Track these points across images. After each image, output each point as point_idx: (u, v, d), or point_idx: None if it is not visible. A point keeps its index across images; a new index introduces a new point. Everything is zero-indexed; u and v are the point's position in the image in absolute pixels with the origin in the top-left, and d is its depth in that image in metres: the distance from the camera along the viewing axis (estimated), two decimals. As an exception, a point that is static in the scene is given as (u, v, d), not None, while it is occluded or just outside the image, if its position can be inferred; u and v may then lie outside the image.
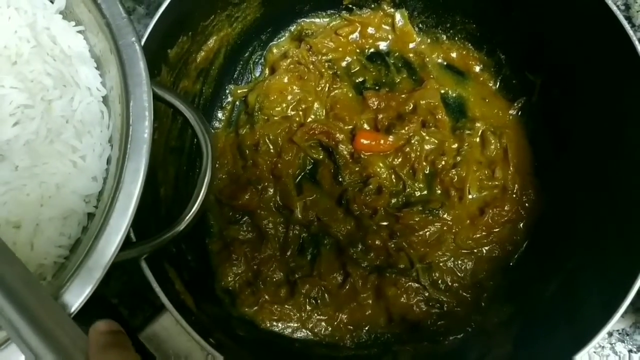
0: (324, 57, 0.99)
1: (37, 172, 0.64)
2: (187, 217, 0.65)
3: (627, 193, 0.79)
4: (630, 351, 0.93)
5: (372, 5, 1.00)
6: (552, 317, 0.81)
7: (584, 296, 0.78)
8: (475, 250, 0.91)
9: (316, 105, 0.96)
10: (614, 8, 0.76)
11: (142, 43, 0.69)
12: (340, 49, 1.00)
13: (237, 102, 0.98)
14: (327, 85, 0.97)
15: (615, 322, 0.84)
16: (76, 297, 0.57)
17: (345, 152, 0.93)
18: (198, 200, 0.65)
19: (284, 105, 0.96)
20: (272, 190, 0.93)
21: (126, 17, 0.64)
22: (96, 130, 0.67)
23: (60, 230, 0.64)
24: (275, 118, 0.96)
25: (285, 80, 0.96)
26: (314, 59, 0.97)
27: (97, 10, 0.65)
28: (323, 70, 0.98)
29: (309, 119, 0.96)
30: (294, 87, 0.96)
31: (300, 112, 0.96)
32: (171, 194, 0.85)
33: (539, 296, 0.85)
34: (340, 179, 0.93)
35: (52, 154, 0.64)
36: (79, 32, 0.69)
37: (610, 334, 0.93)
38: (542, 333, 0.80)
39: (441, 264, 0.90)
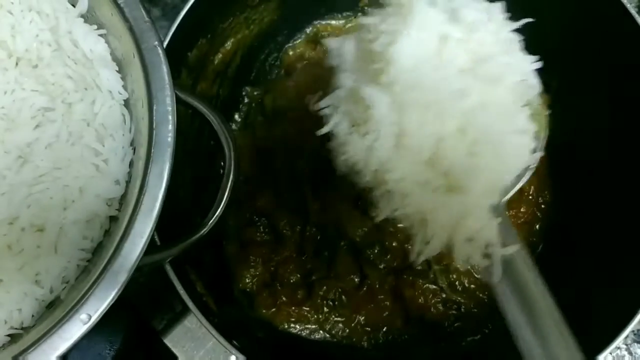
0: (339, 59, 0.99)
1: (60, 175, 0.64)
2: (212, 220, 0.66)
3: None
4: (645, 352, 0.94)
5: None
6: (569, 318, 0.81)
7: (601, 298, 0.78)
8: (492, 252, 0.92)
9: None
10: (633, 12, 0.76)
11: (164, 46, 0.70)
12: (356, 51, 1.01)
13: (254, 104, 0.99)
14: (343, 86, 0.98)
15: (631, 323, 0.84)
16: (102, 300, 0.57)
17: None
18: (222, 203, 0.66)
19: (300, 107, 0.97)
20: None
21: (149, 21, 0.65)
22: (118, 134, 0.67)
23: (84, 234, 0.65)
24: (292, 119, 0.96)
25: (302, 81, 0.97)
26: (329, 61, 0.98)
27: (120, 14, 0.65)
28: (339, 72, 0.98)
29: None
30: (310, 89, 0.97)
31: (316, 114, 0.97)
32: (189, 197, 0.86)
33: (556, 297, 0.86)
34: (356, 181, 0.94)
35: (74, 157, 0.65)
36: (101, 35, 0.69)
37: (625, 335, 0.93)
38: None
39: (458, 265, 0.90)
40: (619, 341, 0.80)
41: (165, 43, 0.73)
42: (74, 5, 0.69)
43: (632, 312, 0.70)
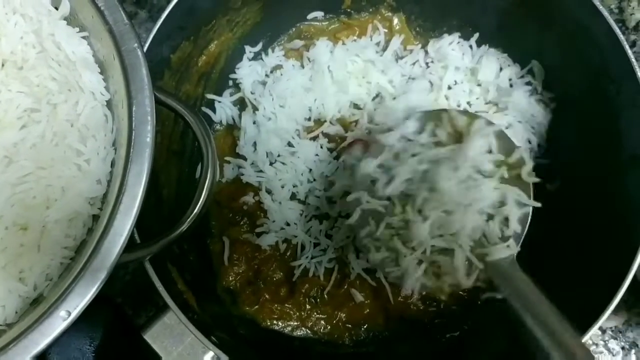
0: (323, 60, 1.00)
1: (44, 175, 0.65)
2: (189, 219, 0.67)
3: (618, 196, 0.81)
4: (623, 348, 0.94)
5: (370, 9, 1.01)
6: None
7: (577, 294, 0.79)
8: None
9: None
10: (605, 13, 0.78)
11: (145, 48, 0.71)
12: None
13: (237, 106, 0.99)
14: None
15: (609, 320, 0.86)
16: (82, 297, 0.58)
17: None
18: (200, 203, 0.67)
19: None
20: (270, 192, 0.94)
21: (128, 23, 0.66)
22: (100, 134, 0.68)
23: (66, 232, 0.66)
24: (275, 120, 0.97)
25: (285, 82, 0.98)
26: (313, 62, 0.99)
27: (100, 17, 0.66)
28: (322, 72, 0.99)
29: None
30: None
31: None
32: (173, 196, 0.87)
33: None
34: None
35: (57, 157, 0.66)
36: (83, 37, 0.70)
37: (603, 331, 0.94)
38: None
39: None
40: (594, 336, 0.82)
41: (147, 45, 0.74)
42: (56, 8, 0.70)
43: (602, 308, 0.71)
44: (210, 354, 0.69)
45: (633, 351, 0.95)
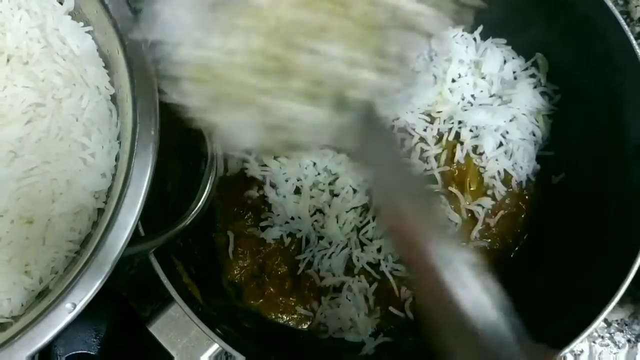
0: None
1: (49, 169, 0.66)
2: (193, 213, 0.67)
3: (623, 187, 0.81)
4: (629, 341, 0.94)
5: (374, 3, 1.01)
6: (551, 307, 0.83)
7: (580, 284, 0.79)
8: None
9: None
10: (610, 4, 0.78)
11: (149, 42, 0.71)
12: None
13: (241, 99, 0.99)
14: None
15: (615, 312, 0.86)
16: (87, 289, 0.59)
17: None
18: (204, 196, 0.67)
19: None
20: (274, 186, 0.94)
21: (133, 18, 0.66)
22: (105, 128, 0.69)
23: (71, 226, 0.66)
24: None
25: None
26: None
27: (105, 11, 0.67)
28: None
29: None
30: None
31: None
32: (178, 190, 0.87)
33: (539, 286, 0.87)
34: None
35: (62, 151, 0.67)
36: (88, 32, 0.71)
37: (609, 324, 0.94)
38: (541, 323, 0.81)
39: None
40: (600, 329, 0.82)
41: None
42: (61, 3, 0.70)
43: (607, 300, 0.71)
44: (215, 346, 0.69)
45: (639, 344, 0.94)
